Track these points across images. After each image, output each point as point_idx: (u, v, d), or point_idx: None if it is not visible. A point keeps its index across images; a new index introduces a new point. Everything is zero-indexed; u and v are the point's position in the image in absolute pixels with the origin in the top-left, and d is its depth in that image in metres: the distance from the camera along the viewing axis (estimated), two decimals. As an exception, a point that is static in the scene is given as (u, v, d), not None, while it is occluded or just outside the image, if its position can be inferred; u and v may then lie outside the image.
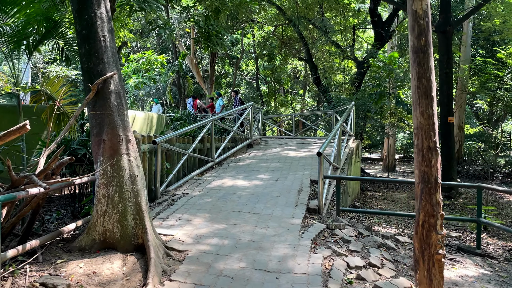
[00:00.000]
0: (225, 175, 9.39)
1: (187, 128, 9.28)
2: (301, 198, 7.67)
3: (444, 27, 13.47)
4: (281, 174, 9.24)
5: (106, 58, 5.51)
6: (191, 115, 14.33)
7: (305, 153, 11.41)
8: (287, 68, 37.76)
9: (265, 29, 31.42)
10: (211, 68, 28.33)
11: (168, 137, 8.41)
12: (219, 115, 11.19)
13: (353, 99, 17.55)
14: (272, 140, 15.17)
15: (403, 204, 11.86)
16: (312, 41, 23.32)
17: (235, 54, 36.52)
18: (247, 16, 25.84)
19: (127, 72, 22.43)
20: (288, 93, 43.03)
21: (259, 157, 11.12)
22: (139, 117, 12.26)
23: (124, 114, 5.53)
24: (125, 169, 5.28)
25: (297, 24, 19.85)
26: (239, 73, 37.15)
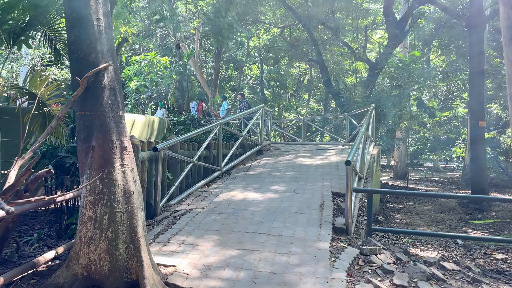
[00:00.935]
0: (234, 186, 8.33)
1: (192, 133, 8.23)
2: (325, 214, 6.60)
3: (475, 21, 12.40)
4: (298, 185, 8.18)
5: (100, 46, 4.48)
6: (195, 119, 13.28)
7: (321, 161, 10.35)
8: (292, 72, 36.81)
9: (272, 31, 30.47)
10: (215, 71, 27.36)
11: (171, 143, 7.36)
12: (226, 119, 10.12)
13: (367, 102, 16.51)
14: (283, 146, 14.11)
15: (429, 217, 10.79)
16: (322, 42, 22.31)
17: (240, 58, 35.57)
18: (254, 17, 24.89)
19: (129, 74, 21.44)
20: (293, 98, 42.04)
21: (271, 165, 10.06)
22: (139, 121, 11.26)
23: (119, 115, 4.49)
24: (118, 183, 4.23)
25: (307, 24, 18.82)
26: (242, 78, 36.16)
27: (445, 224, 9.95)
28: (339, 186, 8.05)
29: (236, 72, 36.30)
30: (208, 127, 8.88)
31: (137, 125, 11.24)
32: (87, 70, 4.35)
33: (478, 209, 11.25)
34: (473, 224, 9.92)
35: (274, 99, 36.77)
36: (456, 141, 30.05)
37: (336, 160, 10.31)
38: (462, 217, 10.69)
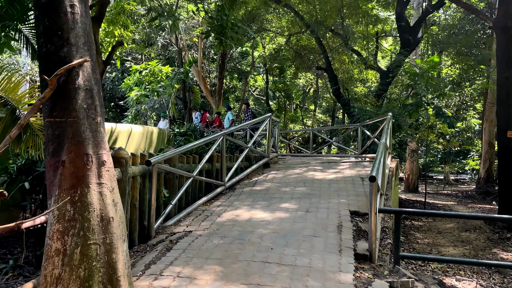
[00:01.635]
0: (239, 204, 7.44)
1: (192, 145, 7.38)
2: (344, 238, 5.71)
3: (504, 22, 11.56)
4: (310, 203, 7.28)
5: (74, 38, 3.66)
6: (197, 129, 12.45)
7: (334, 175, 9.46)
8: (298, 82, 36.08)
9: (277, 40, 29.77)
10: (219, 81, 26.62)
11: (168, 156, 6.50)
12: (230, 129, 9.27)
13: (381, 112, 15.65)
14: (291, 159, 13.25)
15: (453, 237, 9.85)
16: (330, 50, 21.51)
17: (244, 68, 34.86)
18: (260, 25, 24.18)
19: (129, 84, 20.69)
20: (299, 108, 41.30)
21: (279, 180, 9.17)
22: (136, 132, 10.44)
23: (97, 123, 3.66)
24: (94, 207, 3.38)
25: (315, 30, 18.03)
26: (247, 89, 35.45)
27: (472, 245, 9.02)
28: (357, 204, 7.16)
29: (241, 82, 35.58)
30: (210, 137, 8.03)
31: (134, 136, 10.42)
32: (58, 68, 3.54)
33: (506, 227, 10.28)
34: (503, 244, 9.00)
35: (280, 110, 35.96)
36: (469, 153, 29.09)
37: (351, 174, 9.42)
38: (490, 236, 9.76)
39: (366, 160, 11.53)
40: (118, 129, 9.97)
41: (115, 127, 9.90)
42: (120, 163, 5.13)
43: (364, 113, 15.88)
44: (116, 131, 9.91)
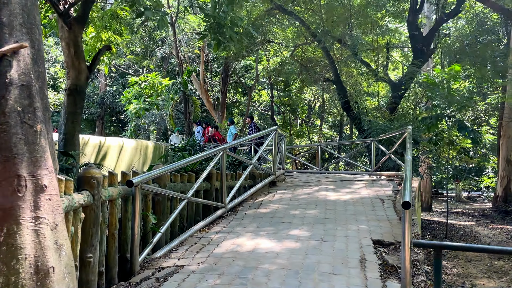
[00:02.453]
0: (241, 230, 6.35)
1: (186, 161, 6.32)
2: (370, 277, 4.61)
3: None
4: (325, 230, 6.18)
5: (7, 17, 2.64)
6: (197, 144, 11.42)
7: (350, 195, 8.37)
8: (303, 96, 35.17)
9: (282, 53, 28.91)
10: (222, 94, 25.70)
11: (155, 175, 5.45)
12: (232, 143, 8.21)
13: (394, 125, 14.60)
14: (298, 176, 12.17)
15: (485, 266, 8.69)
16: (337, 62, 20.56)
17: (248, 82, 34.01)
18: (263, 36, 23.30)
19: (128, 97, 19.77)
20: (304, 124, 40.38)
21: (287, 201, 8.08)
22: (129, 147, 9.43)
23: (35, 132, 2.62)
24: (25, 253, 2.33)
25: (322, 40, 17.10)
26: (251, 104, 34.56)
27: (508, 276, 7.88)
28: (379, 231, 6.06)
29: (245, 97, 34.70)
30: (208, 153, 6.98)
31: (125, 152, 9.40)
32: (-17, 53, 2.52)
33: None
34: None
35: (285, 125, 35.01)
36: (482, 170, 27.89)
37: (369, 195, 8.32)
38: (526, 265, 8.62)
39: (383, 179, 10.43)
40: (107, 143, 8.96)
41: (103, 142, 8.88)
42: (90, 185, 4.09)
43: (377, 127, 14.83)
44: (105, 146, 8.90)
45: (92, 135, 9.21)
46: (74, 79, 7.69)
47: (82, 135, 8.58)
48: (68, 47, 7.71)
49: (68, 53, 7.71)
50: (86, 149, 8.13)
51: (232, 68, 27.21)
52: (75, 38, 7.72)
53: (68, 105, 7.57)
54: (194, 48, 24.97)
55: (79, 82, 7.72)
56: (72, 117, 7.57)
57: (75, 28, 7.72)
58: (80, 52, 7.78)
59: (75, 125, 7.59)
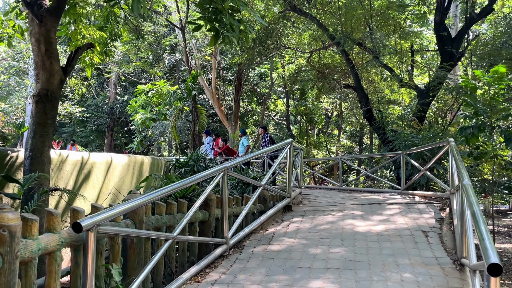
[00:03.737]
0: (245, 279, 4.81)
1: (174, 187, 4.81)
2: None
3: None
4: (357, 280, 4.62)
5: None
6: (201, 158, 9.98)
7: (383, 225, 6.78)
8: (320, 105, 33.63)
9: (298, 60, 27.48)
10: (235, 103, 24.35)
11: (118, 212, 3.94)
12: (236, 160, 6.68)
13: (424, 137, 12.99)
14: (318, 195, 10.63)
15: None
16: (357, 67, 19.02)
17: (263, 91, 32.64)
18: (278, 42, 21.89)
19: (135, 106, 18.49)
20: (321, 133, 38.85)
21: (305, 234, 6.52)
22: (119, 163, 8.01)
23: None
24: None
25: (342, 43, 15.59)
26: (266, 113, 33.14)
27: None
28: (431, 284, 4.48)
29: (260, 106, 33.30)
30: (203, 174, 5.47)
31: (114, 170, 7.98)
32: None
33: None
34: None
35: (302, 135, 33.46)
36: (511, 183, 25.89)
37: (407, 225, 6.71)
38: None
39: (418, 201, 8.82)
40: (91, 160, 7.55)
41: (87, 158, 7.47)
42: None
43: (405, 139, 13.21)
44: (88, 164, 7.49)
45: (73, 151, 7.83)
46: (45, 83, 6.31)
47: (60, 151, 7.19)
48: (38, 44, 6.34)
49: (38, 51, 6.34)
50: (64, 167, 6.73)
51: (245, 76, 25.86)
52: (47, 33, 6.36)
53: (36, 115, 6.19)
54: (205, 54, 23.65)
55: (51, 87, 6.34)
56: (41, 129, 6.17)
57: (48, 21, 6.36)
58: (53, 50, 6.41)
59: (44, 139, 6.19)
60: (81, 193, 7.38)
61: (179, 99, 14.21)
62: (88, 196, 7.51)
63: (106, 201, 7.79)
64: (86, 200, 7.28)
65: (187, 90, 13.77)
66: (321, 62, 23.23)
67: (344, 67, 22.56)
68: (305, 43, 23.36)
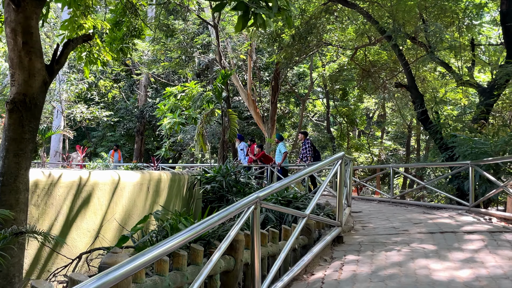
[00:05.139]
0: None
1: (180, 239, 3.23)
2: None
3: None
4: None
5: None
6: (231, 172, 8.40)
7: (468, 268, 4.96)
8: (362, 106, 31.63)
9: (340, 59, 25.59)
10: (272, 105, 22.74)
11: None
12: (273, 187, 4.93)
13: (497, 143, 11.00)
14: (370, 215, 8.86)
15: None
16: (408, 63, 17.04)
17: (302, 91, 30.89)
18: (319, 38, 20.13)
19: (164, 110, 17.15)
20: (362, 135, 36.79)
21: (365, 284, 4.82)
22: (128, 183, 6.51)
23: None
24: None
25: (394, 37, 13.74)
26: (305, 114, 31.35)
27: None
28: None
29: (298, 107, 31.55)
30: (228, 212, 3.84)
31: (123, 191, 6.49)
32: None
33: None
34: None
35: (342, 137, 31.52)
36: None
37: (503, 270, 4.84)
38: None
39: (507, 230, 6.92)
40: (92, 180, 6.07)
41: (86, 178, 6.00)
42: None
43: (471, 146, 11.24)
44: (88, 185, 6.03)
45: (68, 170, 6.25)
46: (22, 86, 4.85)
47: (51, 170, 5.75)
48: (14, 35, 4.89)
49: (14, 45, 4.89)
50: (55, 192, 5.27)
51: (283, 75, 24.19)
52: (26, 21, 4.89)
53: (9, 128, 4.74)
54: (240, 53, 22.11)
55: (30, 91, 4.87)
56: (15, 146, 4.72)
57: (27, 5, 4.89)
58: (33, 43, 4.94)
59: (20, 160, 4.73)
60: (79, 222, 5.93)
61: (208, 101, 12.71)
62: (88, 225, 6.03)
63: (111, 232, 6.32)
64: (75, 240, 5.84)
65: (215, 91, 12.22)
66: (366, 59, 21.32)
67: (393, 65, 20.61)
68: (348, 40, 21.50)
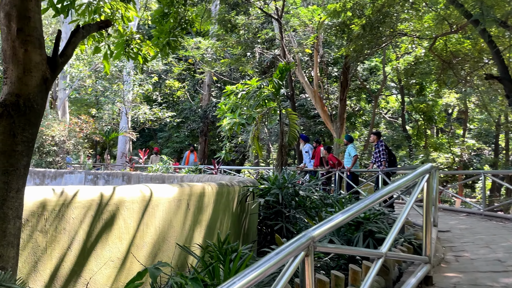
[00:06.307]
0: None
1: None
2: None
3: None
4: None
5: None
6: (289, 183, 7.09)
7: None
8: (441, 102, 29.07)
9: (417, 51, 23.41)
10: (340, 102, 21.10)
11: None
12: (331, 222, 3.51)
13: None
14: (463, 238, 7.18)
15: None
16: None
17: (374, 87, 28.88)
18: (392, 27, 18.28)
19: (224, 110, 16.15)
20: (442, 134, 34.04)
21: None
22: (163, 199, 5.38)
23: None
24: None
25: (482, 21, 11.79)
26: (377, 111, 29.33)
27: None
28: None
29: (370, 104, 29.54)
30: (266, 266, 2.57)
31: (156, 208, 5.38)
32: None
33: None
34: None
35: (419, 136, 29.16)
36: None
37: None
38: None
39: None
40: (117, 197, 5.00)
41: (109, 195, 4.95)
42: None
43: None
44: (112, 204, 4.99)
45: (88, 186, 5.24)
46: (15, 84, 3.79)
47: (63, 187, 4.73)
48: (7, 20, 3.84)
49: (7, 33, 3.87)
50: (68, 214, 4.28)
51: (353, 70, 22.45)
52: (23, 4, 3.87)
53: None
54: (305, 46, 20.66)
55: (25, 90, 3.80)
56: (4, 161, 3.66)
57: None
58: (31, 30, 3.87)
59: (10, 179, 3.67)
60: (99, 249, 4.92)
61: (264, 99, 11.48)
62: (111, 254, 4.99)
63: (140, 260, 5.24)
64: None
65: (273, 88, 10.94)
66: (447, 50, 19.13)
67: (478, 54, 18.29)
68: (426, 29, 19.42)
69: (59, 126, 18.58)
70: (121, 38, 6.86)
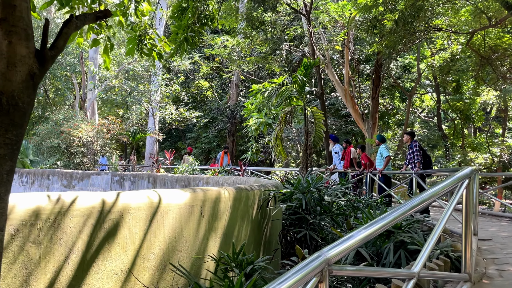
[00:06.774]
0: None
1: None
2: None
3: None
4: None
5: None
6: (313, 186, 6.55)
7: None
8: (479, 100, 27.81)
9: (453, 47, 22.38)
10: (372, 101, 20.33)
11: None
12: (366, 229, 2.96)
13: None
14: (504, 244, 6.46)
15: None
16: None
17: (408, 85, 27.88)
18: (427, 22, 17.44)
19: (251, 109, 15.75)
20: (479, 132, 32.66)
21: None
22: (173, 205, 4.93)
23: None
24: None
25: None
26: (412, 110, 28.30)
27: None
28: None
29: (404, 103, 28.55)
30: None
31: (165, 216, 4.95)
32: None
33: None
34: None
35: (457, 135, 27.97)
36: None
37: None
38: None
39: None
40: (121, 203, 4.58)
41: (112, 202, 4.53)
42: None
43: None
44: (115, 212, 4.57)
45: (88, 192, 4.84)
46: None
47: (60, 193, 4.33)
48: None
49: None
50: (64, 223, 3.88)
51: (385, 68, 21.63)
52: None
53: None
54: (335, 43, 19.98)
55: (8, 86, 3.39)
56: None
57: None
58: (16, 20, 3.48)
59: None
60: (101, 261, 4.51)
61: (288, 98, 10.90)
62: (114, 266, 4.57)
63: (147, 272, 4.82)
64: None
65: (296, 86, 10.38)
66: (485, 45, 18.12)
67: (519, 49, 17.26)
68: (463, 23, 18.45)
69: (87, 127, 18.52)
70: (133, 33, 6.48)
